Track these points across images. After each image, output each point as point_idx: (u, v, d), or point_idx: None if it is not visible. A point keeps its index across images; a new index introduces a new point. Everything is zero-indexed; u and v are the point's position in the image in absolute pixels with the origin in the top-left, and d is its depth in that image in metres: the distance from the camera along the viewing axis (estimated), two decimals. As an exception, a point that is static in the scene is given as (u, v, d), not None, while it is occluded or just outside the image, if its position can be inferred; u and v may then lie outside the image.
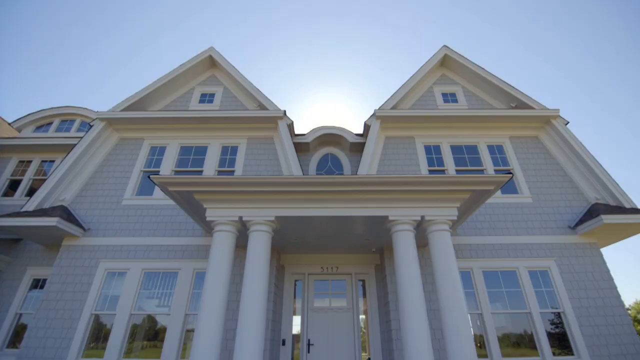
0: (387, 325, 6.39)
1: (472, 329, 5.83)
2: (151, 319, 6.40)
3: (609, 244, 7.64)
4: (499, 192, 7.50)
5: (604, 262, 6.80)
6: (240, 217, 5.02)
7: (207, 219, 5.04)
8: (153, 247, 6.79)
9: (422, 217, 5.05)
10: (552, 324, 6.38)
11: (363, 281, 7.22)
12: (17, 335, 7.02)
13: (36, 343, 6.04)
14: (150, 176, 4.79)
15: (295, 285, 7.21)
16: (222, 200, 5.08)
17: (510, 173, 4.94)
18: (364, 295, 7.11)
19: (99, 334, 6.24)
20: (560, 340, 6.22)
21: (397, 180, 4.88)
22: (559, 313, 6.37)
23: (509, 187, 7.63)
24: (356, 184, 4.89)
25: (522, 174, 7.72)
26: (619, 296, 6.48)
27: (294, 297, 7.12)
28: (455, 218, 5.08)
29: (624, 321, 6.25)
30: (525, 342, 6.23)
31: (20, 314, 7.18)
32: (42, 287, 7.36)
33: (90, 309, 6.28)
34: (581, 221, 7.04)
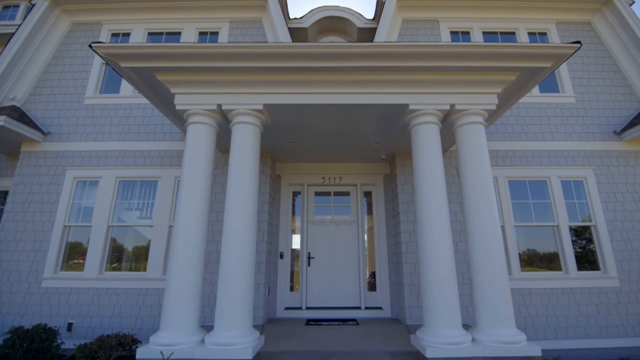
0: (395, 239, 5.74)
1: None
2: (133, 231, 5.74)
3: (656, 153, 6.64)
4: (535, 90, 6.26)
5: (649, 172, 5.89)
6: (220, 106, 3.92)
7: (177, 107, 3.94)
8: (126, 153, 5.82)
9: (452, 105, 3.94)
10: (579, 238, 5.72)
11: (369, 193, 6.40)
12: (-6, 248, 6.48)
13: (8, 256, 5.46)
14: (92, 44, 3.54)
15: (294, 200, 6.43)
16: (194, 83, 3.91)
17: (579, 42, 3.65)
18: (369, 211, 6.37)
19: (76, 247, 5.64)
20: (586, 255, 5.62)
21: (423, 50, 3.63)
22: (589, 227, 5.66)
23: (549, 84, 6.34)
24: (368, 57, 3.65)
25: (567, 68, 6.36)
26: (659, 208, 5.71)
27: (293, 214, 6.38)
28: (493, 107, 3.97)
29: (661, 235, 5.57)
30: (548, 257, 5.63)
31: (-4, 228, 6.54)
32: (12, 199, 6.60)
33: (63, 221, 5.57)
34: (631, 125, 5.93)
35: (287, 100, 3.93)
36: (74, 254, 5.61)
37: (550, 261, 5.60)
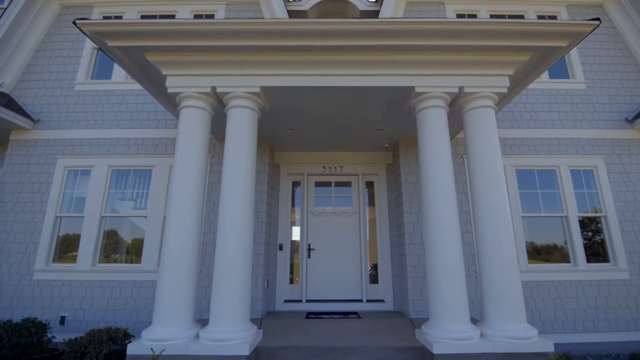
0: (398, 230, 5.56)
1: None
2: (127, 222, 5.54)
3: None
4: (545, 76, 6.01)
5: (661, 161, 5.68)
6: (214, 88, 3.70)
7: (169, 90, 3.72)
8: (119, 141, 5.60)
9: (460, 88, 3.72)
10: (588, 229, 5.53)
11: (371, 183, 6.20)
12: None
13: (-2, 247, 5.28)
14: (77, 21, 3.30)
15: (293, 190, 6.22)
16: (186, 64, 3.68)
17: (598, 19, 3.42)
18: (371, 202, 6.16)
19: (69, 239, 5.45)
20: (595, 247, 5.44)
21: (432, 27, 3.39)
22: (599, 217, 5.46)
23: (559, 69, 6.10)
24: (374, 34, 3.41)
25: (578, 53, 6.11)
26: (672, 198, 5.51)
27: (292, 205, 6.17)
28: (505, 90, 3.75)
29: (673, 226, 5.38)
30: (556, 248, 5.45)
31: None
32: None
33: (54, 211, 5.37)
34: (643, 111, 5.70)
35: (285, 83, 3.70)
36: (67, 246, 5.43)
37: (557, 253, 5.43)
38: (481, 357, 3.02)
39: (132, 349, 3.06)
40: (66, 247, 5.42)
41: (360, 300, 5.59)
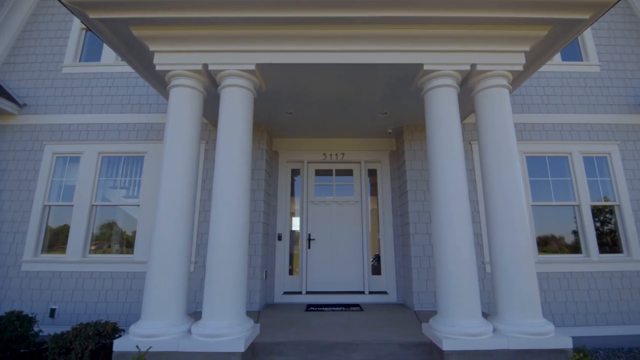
0: (402, 219, 5.33)
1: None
2: (118, 211, 5.31)
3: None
4: (557, 58, 5.71)
5: (678, 148, 5.41)
6: (206, 66, 3.41)
7: (157, 68, 3.44)
8: (109, 127, 5.33)
9: (472, 66, 3.44)
10: (600, 218, 5.29)
11: (374, 171, 5.94)
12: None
13: (-15, 237, 5.05)
14: (53, -11, 3.01)
15: (293, 179, 5.98)
16: (175, 39, 3.39)
17: (625, -12, 3.11)
18: (374, 190, 5.90)
19: (58, 229, 5.22)
20: (607, 237, 5.22)
21: (445, -3, 3.08)
22: (612, 206, 5.23)
23: (572, 51, 5.80)
24: (380, 5, 3.10)
25: (592, 34, 5.79)
26: (688, 187, 5.26)
27: (292, 195, 5.93)
28: (520, 68, 3.48)
29: (689, 215, 5.14)
30: (567, 238, 5.22)
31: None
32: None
33: (42, 200, 5.14)
34: (660, 96, 5.42)
35: (283, 60, 3.42)
36: (56, 236, 5.20)
37: (568, 243, 5.20)
38: (494, 354, 2.81)
39: (118, 345, 2.84)
40: (55, 237, 5.20)
41: (362, 292, 5.38)
